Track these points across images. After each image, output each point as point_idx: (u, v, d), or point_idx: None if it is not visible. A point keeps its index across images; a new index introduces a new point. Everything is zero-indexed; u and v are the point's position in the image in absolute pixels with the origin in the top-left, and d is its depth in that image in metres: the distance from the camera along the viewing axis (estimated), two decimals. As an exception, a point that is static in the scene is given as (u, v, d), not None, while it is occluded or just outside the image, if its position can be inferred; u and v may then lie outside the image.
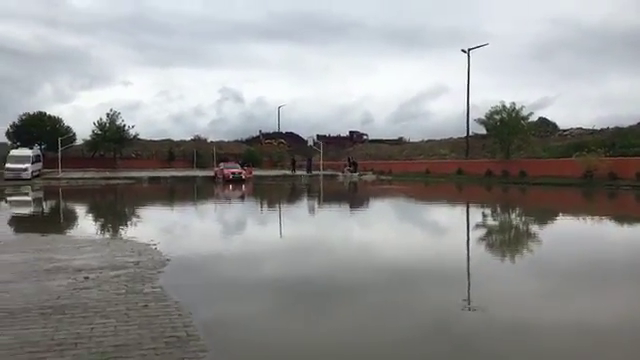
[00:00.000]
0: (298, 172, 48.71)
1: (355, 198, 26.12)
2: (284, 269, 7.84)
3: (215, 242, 10.48)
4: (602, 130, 49.23)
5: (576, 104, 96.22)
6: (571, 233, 12.40)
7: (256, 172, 44.24)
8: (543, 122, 54.77)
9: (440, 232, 12.97)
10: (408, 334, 4.81)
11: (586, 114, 40.31)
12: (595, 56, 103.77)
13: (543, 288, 6.66)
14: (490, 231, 12.94)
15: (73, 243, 9.33)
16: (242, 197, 26.59)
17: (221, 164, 42.30)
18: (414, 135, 79.44)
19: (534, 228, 13.96)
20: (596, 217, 16.10)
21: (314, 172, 47.75)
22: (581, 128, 53.91)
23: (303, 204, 22.49)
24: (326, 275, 7.45)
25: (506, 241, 11.60)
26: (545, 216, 16.50)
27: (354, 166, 48.50)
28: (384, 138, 78.63)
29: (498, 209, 19.33)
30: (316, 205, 21.47)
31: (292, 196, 27.30)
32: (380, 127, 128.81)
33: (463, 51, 40.60)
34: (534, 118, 39.44)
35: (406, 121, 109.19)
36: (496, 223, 15.13)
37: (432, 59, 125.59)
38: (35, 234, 10.90)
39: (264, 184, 38.09)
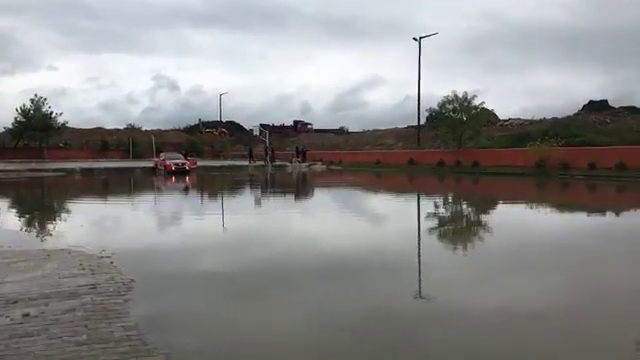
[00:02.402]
0: (258, 162, 46.69)
1: (309, 189, 24.76)
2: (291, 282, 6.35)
3: (185, 251, 8.71)
4: (541, 121, 50.73)
5: (503, 96, 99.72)
6: (528, 223, 12.44)
7: (199, 162, 41.79)
8: (484, 112, 55.77)
9: (395, 222, 12.75)
10: (350, 320, 4.92)
11: (511, 106, 41.63)
12: (520, 50, 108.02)
13: (486, 275, 6.87)
14: (445, 221, 13.04)
15: (1, 257, 7.33)
16: (190, 190, 24.53)
17: (162, 154, 39.55)
18: (353, 125, 79.14)
19: (489, 217, 13.85)
20: (554, 206, 16.12)
21: (276, 162, 46.17)
22: (519, 118, 55.39)
23: (264, 197, 20.86)
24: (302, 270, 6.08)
25: (461, 230, 11.65)
26: (502, 205, 16.40)
27: (303, 155, 47.11)
28: (324, 128, 77.66)
29: (456, 199, 19.02)
30: (274, 197, 19.95)
31: (246, 189, 25.52)
32: (319, 117, 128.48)
33: (414, 39, 40.10)
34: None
35: (344, 111, 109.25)
36: (452, 213, 15.31)
37: (368, 50, 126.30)
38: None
39: (210, 175, 35.92)
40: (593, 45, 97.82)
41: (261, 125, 56.34)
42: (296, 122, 78.87)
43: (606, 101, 54.10)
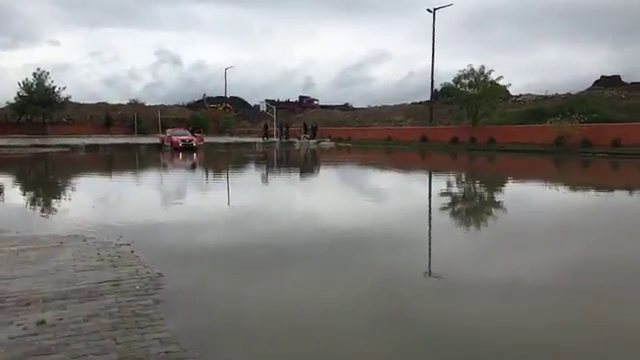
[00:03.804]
0: (272, 139, 45.70)
1: (325, 168, 23.93)
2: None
3: (211, 235, 7.96)
4: (553, 96, 49.43)
5: (507, 72, 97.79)
6: (553, 202, 12.00)
7: (205, 139, 40.87)
8: (498, 87, 54.25)
9: (420, 202, 12.12)
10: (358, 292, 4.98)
11: (517, 82, 40.46)
12: (525, 25, 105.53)
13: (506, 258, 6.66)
14: (464, 199, 12.83)
15: (8, 244, 6.55)
16: (200, 168, 23.73)
17: (168, 130, 38.64)
18: (357, 101, 77.83)
19: (514, 197, 13.12)
20: (583, 185, 15.51)
21: (290, 139, 45.28)
22: (531, 94, 53.97)
23: (281, 175, 20.05)
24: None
25: (486, 212, 11.05)
26: (525, 184, 15.72)
27: (313, 132, 46.02)
28: (328, 104, 76.22)
29: (478, 178, 18.26)
30: (296, 175, 19.15)
31: (259, 166, 24.67)
32: (322, 92, 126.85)
33: (429, 10, 38.63)
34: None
35: (349, 86, 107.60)
36: (474, 191, 14.83)
37: (373, 24, 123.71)
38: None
39: (218, 152, 35.08)
40: (600, 20, 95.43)
41: (267, 101, 55.19)
42: (302, 98, 77.26)
43: (618, 77, 52.67)
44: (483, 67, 33.56)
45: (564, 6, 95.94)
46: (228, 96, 76.74)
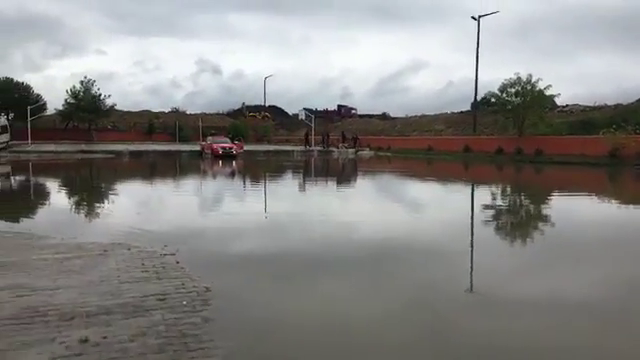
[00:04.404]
0: (314, 148, 45.56)
1: (363, 179, 23.46)
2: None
3: (259, 246, 7.62)
4: (602, 107, 47.49)
5: (553, 81, 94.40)
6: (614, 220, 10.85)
7: (245, 147, 41.06)
8: (545, 97, 52.47)
9: (461, 214, 11.00)
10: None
11: (563, 91, 38.65)
12: (570, 34, 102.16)
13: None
14: (517, 214, 12.14)
15: (52, 251, 6.39)
16: (242, 176, 23.66)
17: (209, 138, 39.00)
18: (394, 110, 76.80)
19: (562, 212, 12.05)
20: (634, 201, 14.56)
21: (329, 148, 45.07)
22: (578, 104, 51.99)
23: (320, 184, 19.72)
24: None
25: (537, 225, 10.47)
26: (577, 199, 14.52)
27: (354, 141, 45.57)
28: (365, 113, 75.61)
29: (527, 190, 17.23)
30: (339, 185, 18.78)
31: (298, 174, 24.42)
32: (359, 101, 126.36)
33: (473, 18, 37.76)
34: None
35: (386, 96, 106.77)
36: (527, 205, 14.10)
37: (411, 33, 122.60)
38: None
39: (257, 160, 35.11)
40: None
41: (305, 109, 55.19)
42: (340, 107, 77.04)
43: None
44: (530, 75, 32.43)
45: (609, 14, 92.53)
46: (266, 105, 77.33)
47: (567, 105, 52.30)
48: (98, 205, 12.55)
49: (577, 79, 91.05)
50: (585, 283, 5.80)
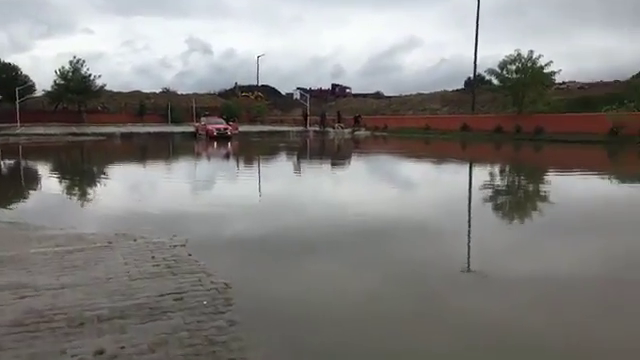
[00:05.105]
0: (311, 128, 44.76)
1: (364, 160, 23.01)
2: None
3: (275, 234, 7.13)
4: (598, 83, 47.26)
5: (547, 59, 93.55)
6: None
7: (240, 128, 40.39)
8: (544, 74, 51.84)
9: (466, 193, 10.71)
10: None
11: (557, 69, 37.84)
12: (562, 11, 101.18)
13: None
14: (525, 193, 11.97)
15: (52, 244, 5.90)
16: (240, 157, 23.11)
17: (202, 119, 38.26)
18: (387, 89, 76.11)
19: (570, 191, 11.61)
20: None
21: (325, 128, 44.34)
22: (575, 81, 51.62)
23: (315, 165, 19.24)
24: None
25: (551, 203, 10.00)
26: (584, 179, 14.24)
27: (356, 121, 44.85)
28: (357, 92, 74.78)
29: (531, 169, 16.83)
30: (343, 165, 18.33)
31: (299, 156, 23.88)
32: (352, 80, 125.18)
33: (472, -6, 36.88)
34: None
35: (379, 74, 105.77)
36: (534, 184, 13.90)
37: (402, 10, 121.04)
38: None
39: (253, 141, 34.47)
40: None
41: (299, 89, 54.35)
42: (334, 86, 76.00)
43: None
44: (531, 52, 31.83)
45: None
46: (259, 84, 76.20)
47: (564, 82, 51.93)
48: (94, 191, 11.99)
49: (570, 56, 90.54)
50: (583, 259, 5.76)
